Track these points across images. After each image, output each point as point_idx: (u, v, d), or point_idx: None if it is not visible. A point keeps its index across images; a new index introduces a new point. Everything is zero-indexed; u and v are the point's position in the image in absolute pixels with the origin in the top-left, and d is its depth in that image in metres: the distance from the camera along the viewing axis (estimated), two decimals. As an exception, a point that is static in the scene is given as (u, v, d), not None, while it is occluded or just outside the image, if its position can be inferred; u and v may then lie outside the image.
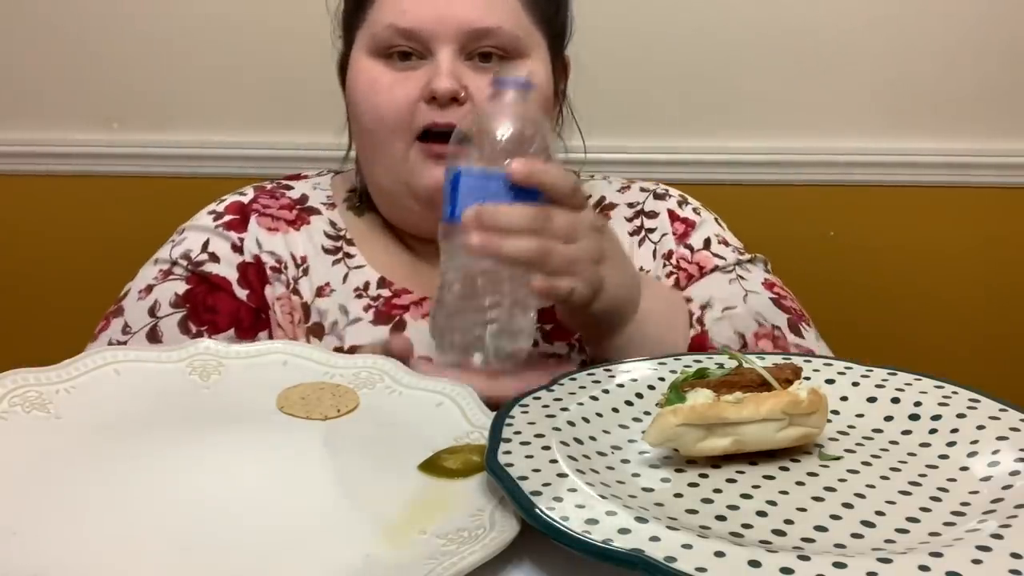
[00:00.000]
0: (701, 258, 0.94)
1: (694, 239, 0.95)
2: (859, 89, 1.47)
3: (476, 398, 0.65)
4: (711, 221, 0.98)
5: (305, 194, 0.98)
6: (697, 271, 0.93)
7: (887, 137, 1.48)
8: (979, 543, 0.43)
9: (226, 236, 0.92)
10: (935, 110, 1.47)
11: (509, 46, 0.85)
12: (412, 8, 0.84)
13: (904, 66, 1.46)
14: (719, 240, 0.96)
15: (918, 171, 1.48)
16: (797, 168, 1.48)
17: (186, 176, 1.52)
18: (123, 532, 0.48)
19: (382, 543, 0.48)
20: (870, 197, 1.49)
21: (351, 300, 0.90)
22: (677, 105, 1.48)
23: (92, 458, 0.56)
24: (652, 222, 0.97)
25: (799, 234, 1.48)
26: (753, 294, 0.89)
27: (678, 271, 0.93)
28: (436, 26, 0.83)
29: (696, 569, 0.41)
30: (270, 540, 0.48)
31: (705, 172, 1.47)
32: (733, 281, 0.91)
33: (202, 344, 0.72)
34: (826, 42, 1.45)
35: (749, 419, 0.53)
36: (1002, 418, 0.56)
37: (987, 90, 1.46)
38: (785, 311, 0.89)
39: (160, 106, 1.52)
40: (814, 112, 1.48)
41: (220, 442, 0.60)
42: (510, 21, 0.85)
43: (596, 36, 1.43)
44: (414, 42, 0.84)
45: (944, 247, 1.50)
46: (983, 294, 1.51)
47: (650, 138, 1.47)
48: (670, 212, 0.97)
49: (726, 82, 1.47)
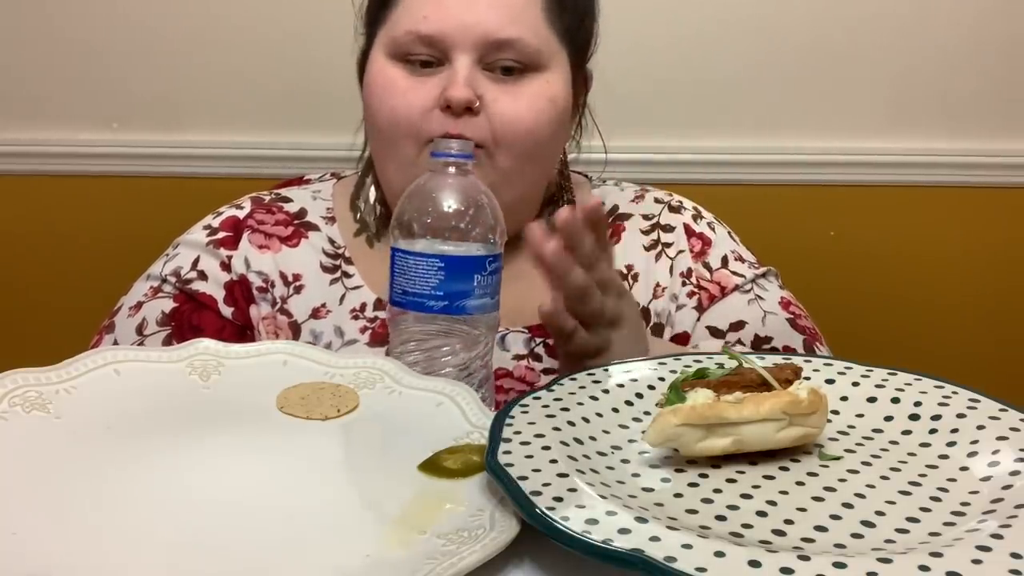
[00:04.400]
0: (720, 277, 0.94)
1: (711, 257, 0.95)
2: (860, 89, 1.47)
3: (476, 398, 0.65)
4: (726, 237, 0.98)
5: (304, 208, 0.97)
6: (718, 291, 0.93)
7: (887, 137, 1.48)
8: (979, 543, 0.43)
9: (216, 254, 0.92)
10: (936, 110, 1.47)
11: (528, 59, 0.84)
12: (433, 14, 0.83)
13: (905, 66, 1.46)
14: (735, 257, 0.96)
15: (918, 171, 1.48)
16: (797, 168, 1.48)
17: (190, 176, 1.52)
18: (123, 532, 0.48)
19: (382, 543, 0.48)
20: (870, 197, 1.49)
21: (347, 321, 0.89)
22: (677, 106, 1.48)
23: (92, 458, 0.56)
24: (668, 236, 0.97)
25: (799, 234, 1.48)
26: (771, 315, 0.91)
27: (700, 291, 0.93)
28: (456, 34, 0.82)
29: (696, 569, 0.41)
30: (270, 540, 0.48)
31: (705, 172, 1.47)
32: (752, 302, 0.92)
33: (202, 344, 0.72)
34: (827, 42, 1.45)
35: (749, 419, 0.53)
36: (1002, 418, 0.56)
37: (988, 90, 1.46)
38: (800, 331, 0.90)
39: (164, 106, 1.52)
40: (815, 112, 1.48)
41: (220, 442, 0.60)
42: (531, 33, 0.84)
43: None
44: (433, 49, 0.84)
45: (945, 247, 1.50)
46: (984, 294, 1.51)
47: (651, 138, 1.47)
48: (686, 227, 0.97)
49: (726, 82, 1.47)
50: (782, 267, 0.97)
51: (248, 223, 0.94)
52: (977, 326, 1.52)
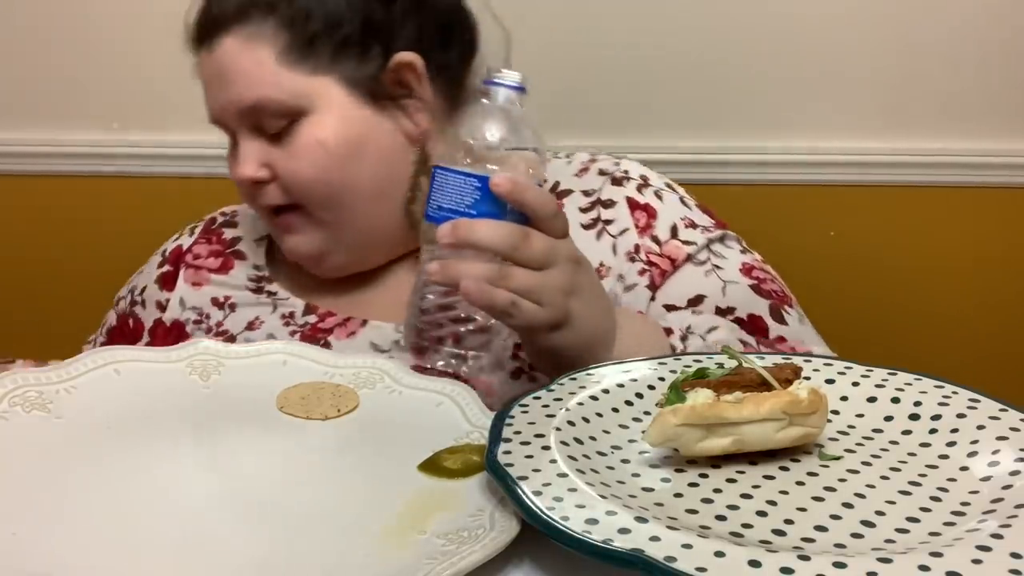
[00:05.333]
0: (670, 250, 0.88)
1: (659, 229, 0.89)
2: (860, 89, 1.46)
3: (476, 398, 0.65)
4: (676, 203, 0.92)
5: (239, 236, 0.99)
6: (669, 265, 0.87)
7: (887, 137, 1.48)
8: (979, 543, 0.43)
9: (157, 293, 0.96)
10: (936, 110, 1.47)
11: (285, 112, 0.82)
12: (208, 101, 0.87)
13: (905, 66, 1.45)
14: (686, 223, 0.90)
15: (918, 171, 1.48)
16: (797, 168, 1.48)
17: (186, 176, 1.52)
18: (123, 532, 0.48)
19: (382, 543, 0.48)
20: (870, 197, 1.49)
21: (279, 328, 0.90)
22: (677, 105, 1.48)
23: (92, 458, 0.56)
24: (609, 212, 0.90)
25: (799, 234, 1.48)
26: (732, 284, 0.86)
27: (650, 267, 0.87)
28: (223, 115, 0.85)
29: (696, 569, 0.41)
30: (270, 540, 0.48)
31: (706, 172, 1.46)
32: (709, 272, 0.87)
33: (202, 344, 0.72)
34: (826, 42, 1.45)
35: (749, 419, 0.53)
36: (1002, 418, 0.56)
37: (988, 90, 1.46)
38: (766, 296, 0.86)
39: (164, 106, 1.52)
40: (814, 112, 1.48)
41: (220, 442, 0.60)
42: (273, 89, 0.82)
43: (597, 37, 1.44)
44: (224, 128, 0.87)
45: (945, 247, 1.50)
46: (984, 294, 1.51)
47: (651, 138, 1.47)
48: (629, 200, 0.90)
49: (726, 82, 1.47)
50: (782, 267, 0.96)
51: (186, 258, 0.97)
52: (977, 326, 1.52)
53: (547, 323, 0.68)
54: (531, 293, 0.66)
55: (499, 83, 0.71)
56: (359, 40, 0.84)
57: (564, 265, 0.68)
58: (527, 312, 0.66)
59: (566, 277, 0.68)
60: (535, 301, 0.66)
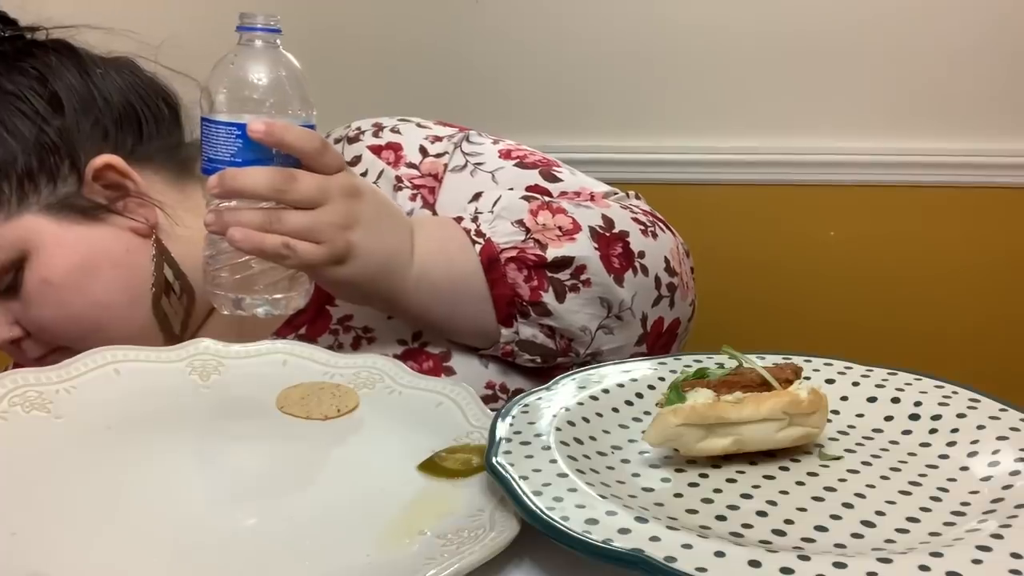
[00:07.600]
0: (427, 167, 0.87)
1: (409, 155, 0.88)
2: (860, 89, 1.46)
3: (476, 398, 0.65)
4: (413, 128, 0.91)
5: None
6: (433, 180, 0.87)
7: (887, 137, 1.48)
8: (979, 543, 0.43)
9: None
10: (936, 110, 1.47)
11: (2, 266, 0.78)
12: None
13: (905, 66, 1.46)
14: (431, 139, 0.89)
15: (919, 171, 1.48)
16: (797, 168, 1.48)
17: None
18: (123, 531, 0.48)
19: (382, 543, 0.48)
20: (870, 197, 1.49)
21: None
22: (677, 105, 1.48)
23: (92, 458, 0.56)
24: (359, 167, 0.88)
25: (799, 234, 1.48)
26: (499, 171, 0.86)
27: (418, 190, 0.86)
28: None
29: (696, 569, 0.41)
30: (270, 540, 0.48)
31: (706, 172, 1.46)
32: (474, 172, 0.87)
33: (202, 344, 0.72)
34: (826, 42, 1.45)
35: (749, 419, 0.53)
36: (1002, 418, 0.56)
37: (988, 90, 1.46)
38: (532, 167, 0.86)
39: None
40: (814, 112, 1.48)
41: (220, 442, 0.60)
42: None
43: (597, 37, 1.44)
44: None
45: (945, 247, 1.50)
46: (984, 294, 1.51)
47: (650, 138, 1.47)
48: (371, 147, 0.89)
49: (726, 82, 1.47)
50: (782, 267, 0.96)
51: None
52: (977, 326, 1.52)
53: (327, 259, 0.68)
54: (305, 233, 0.66)
55: (248, 27, 0.70)
56: (41, 166, 0.80)
57: (338, 200, 0.68)
58: (303, 252, 0.66)
59: (342, 211, 0.68)
60: (312, 240, 0.67)
